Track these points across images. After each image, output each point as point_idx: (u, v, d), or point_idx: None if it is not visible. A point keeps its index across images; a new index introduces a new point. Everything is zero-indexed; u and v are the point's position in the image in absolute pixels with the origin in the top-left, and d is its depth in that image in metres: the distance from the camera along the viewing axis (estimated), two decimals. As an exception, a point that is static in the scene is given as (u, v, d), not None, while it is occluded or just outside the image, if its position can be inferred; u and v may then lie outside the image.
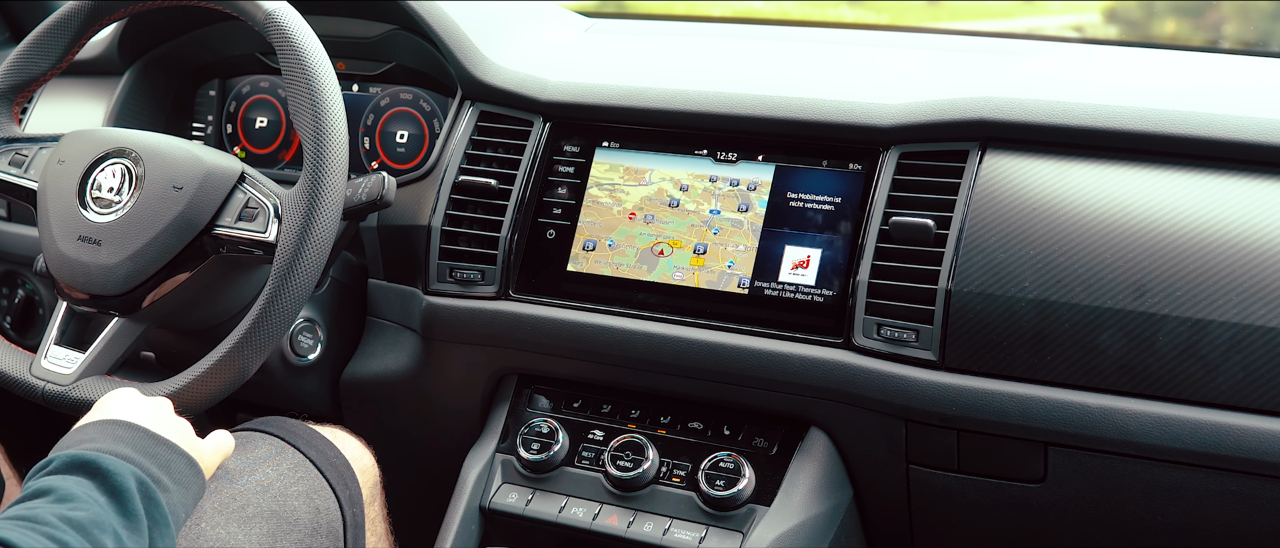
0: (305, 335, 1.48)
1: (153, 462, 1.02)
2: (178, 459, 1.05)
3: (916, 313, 1.29)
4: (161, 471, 1.02)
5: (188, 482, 1.05)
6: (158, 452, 1.04)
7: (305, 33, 1.28)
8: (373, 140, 1.67)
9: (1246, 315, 1.18)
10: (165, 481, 1.02)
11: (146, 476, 1.00)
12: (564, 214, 1.47)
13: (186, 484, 1.05)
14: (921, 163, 1.34)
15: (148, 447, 1.04)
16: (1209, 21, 2.22)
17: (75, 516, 0.91)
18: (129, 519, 0.95)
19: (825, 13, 2.82)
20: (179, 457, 1.05)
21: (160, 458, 1.03)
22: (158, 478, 1.01)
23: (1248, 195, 1.23)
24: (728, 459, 1.35)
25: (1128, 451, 1.22)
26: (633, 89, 1.49)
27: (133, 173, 1.29)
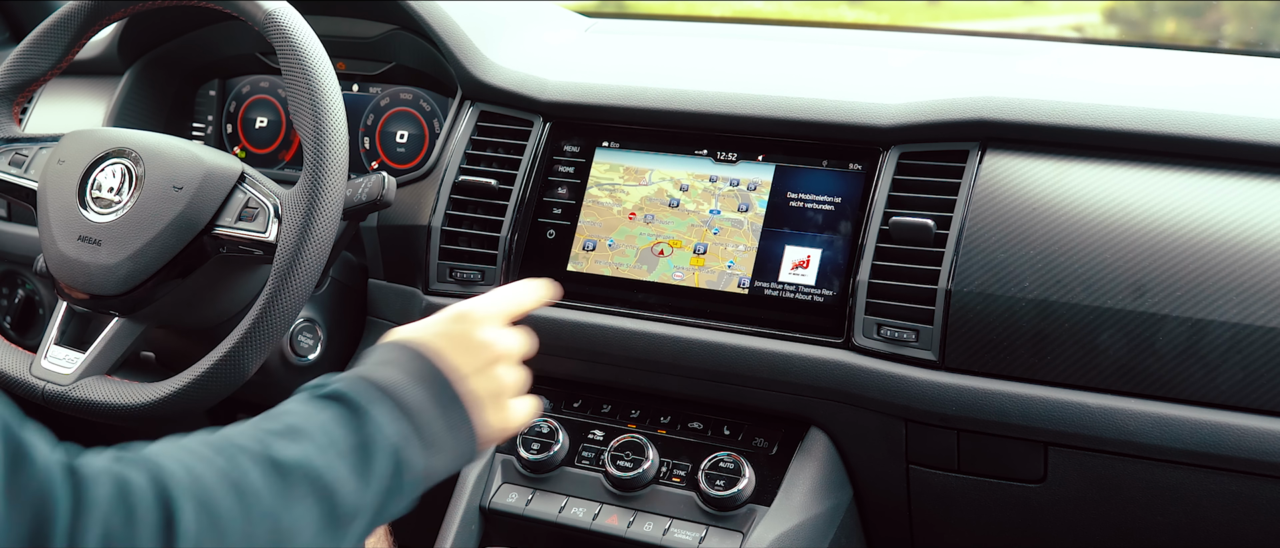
0: (305, 335, 1.48)
1: (432, 420, 0.91)
2: (462, 427, 0.94)
3: (916, 313, 1.29)
4: (436, 432, 0.91)
5: (458, 450, 0.94)
6: (448, 411, 0.93)
7: (305, 33, 1.28)
8: (373, 140, 1.67)
9: (1246, 315, 1.18)
10: (434, 442, 0.91)
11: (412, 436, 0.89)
12: (564, 214, 1.47)
13: (454, 452, 0.94)
14: (921, 163, 1.34)
15: (440, 401, 0.92)
16: (1209, 21, 2.22)
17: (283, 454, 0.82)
18: (361, 477, 0.85)
19: (825, 13, 2.82)
20: (464, 425, 0.94)
21: (446, 419, 0.92)
22: (427, 440, 0.90)
23: (1248, 195, 1.23)
24: (728, 459, 1.35)
25: (1128, 451, 1.22)
26: (633, 89, 1.49)
27: (133, 173, 1.29)
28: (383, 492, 0.86)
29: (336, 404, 0.88)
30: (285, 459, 0.81)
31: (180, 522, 0.73)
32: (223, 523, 0.75)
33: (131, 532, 0.71)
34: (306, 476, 0.81)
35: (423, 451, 0.90)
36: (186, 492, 0.75)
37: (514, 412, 1.02)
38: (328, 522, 0.82)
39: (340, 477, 0.83)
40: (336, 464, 0.84)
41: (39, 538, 0.68)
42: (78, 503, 0.71)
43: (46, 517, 0.69)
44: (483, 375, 0.98)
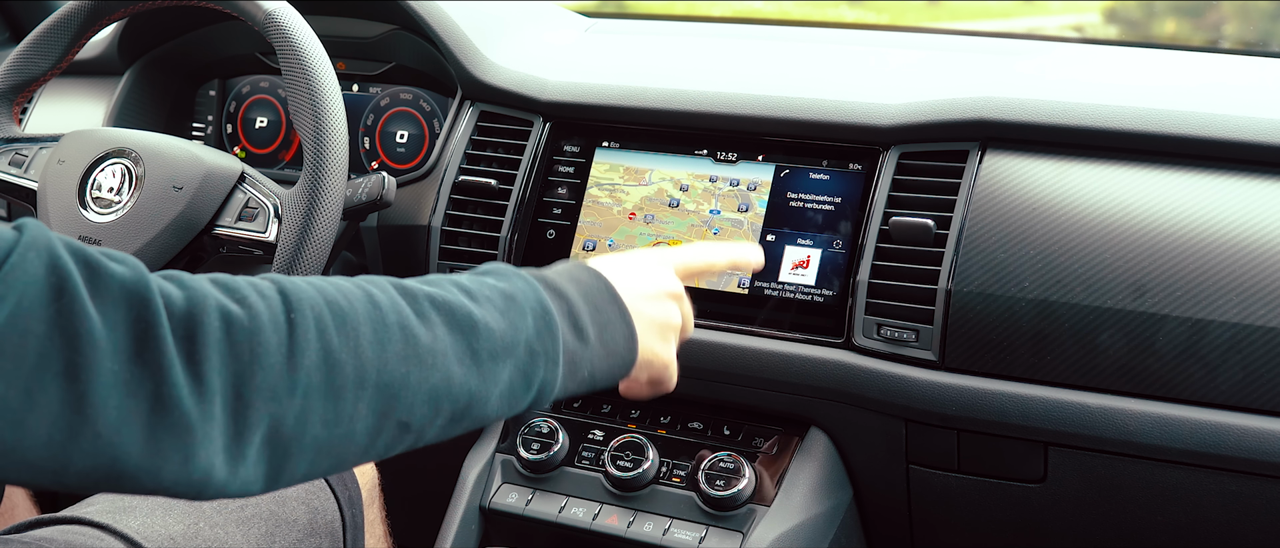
0: (305, 335, 1.48)
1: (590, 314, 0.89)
2: (620, 324, 0.92)
3: (916, 313, 1.29)
4: (592, 325, 0.89)
5: (615, 350, 0.91)
6: (605, 308, 0.91)
7: (305, 33, 1.28)
8: (373, 140, 1.67)
9: (1246, 315, 1.18)
10: (590, 335, 0.89)
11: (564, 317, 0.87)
12: (564, 214, 1.47)
13: (611, 352, 0.91)
14: (921, 163, 1.34)
15: (598, 298, 0.91)
16: (1209, 21, 2.22)
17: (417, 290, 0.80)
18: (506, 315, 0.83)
19: (825, 13, 2.82)
20: (623, 322, 0.92)
21: (603, 315, 0.90)
22: (581, 328, 0.88)
23: (1248, 195, 1.23)
24: (728, 459, 1.35)
25: (1128, 451, 1.22)
26: (633, 89, 1.49)
27: (133, 173, 1.29)
28: (532, 339, 0.84)
29: (490, 275, 0.87)
30: (420, 291, 0.80)
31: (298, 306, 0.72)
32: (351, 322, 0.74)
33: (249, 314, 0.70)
34: (444, 307, 0.80)
35: (573, 334, 0.88)
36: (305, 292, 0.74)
37: (671, 347, 1.00)
38: (469, 351, 0.80)
39: (485, 312, 0.82)
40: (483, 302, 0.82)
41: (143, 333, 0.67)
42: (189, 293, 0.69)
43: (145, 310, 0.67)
44: (648, 300, 0.97)
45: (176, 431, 0.67)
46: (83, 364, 0.64)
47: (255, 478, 0.72)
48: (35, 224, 0.67)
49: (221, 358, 0.69)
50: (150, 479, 0.68)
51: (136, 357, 0.66)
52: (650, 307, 0.97)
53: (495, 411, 0.83)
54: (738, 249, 1.11)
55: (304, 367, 0.72)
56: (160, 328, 0.67)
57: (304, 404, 0.72)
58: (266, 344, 0.71)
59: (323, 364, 0.73)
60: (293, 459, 0.73)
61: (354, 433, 0.75)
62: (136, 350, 0.66)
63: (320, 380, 0.72)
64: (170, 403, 0.67)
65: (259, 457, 0.71)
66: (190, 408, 0.67)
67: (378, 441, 0.77)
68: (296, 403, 0.72)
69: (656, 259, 1.01)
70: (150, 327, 0.67)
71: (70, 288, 0.65)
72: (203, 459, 0.68)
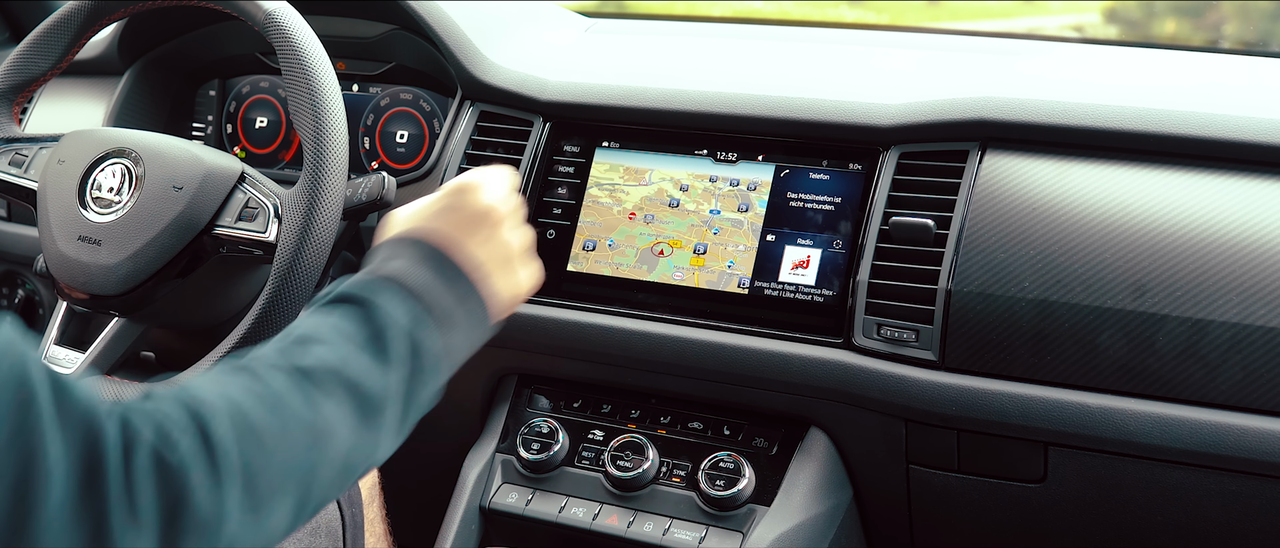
0: (305, 335, 1.48)
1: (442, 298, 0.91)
2: (471, 297, 0.94)
3: (916, 313, 1.29)
4: (449, 309, 0.91)
5: (473, 323, 0.94)
6: (455, 285, 0.92)
7: (305, 33, 1.28)
8: (373, 140, 1.67)
9: (1246, 315, 1.18)
10: (448, 320, 0.91)
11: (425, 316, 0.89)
12: (564, 214, 1.47)
13: (470, 326, 0.94)
14: (921, 163, 1.34)
15: (445, 278, 0.92)
16: (1209, 21, 2.22)
17: (302, 361, 0.82)
18: (381, 362, 0.85)
19: (825, 13, 2.82)
20: (472, 295, 0.94)
21: (455, 293, 0.92)
22: (440, 317, 0.90)
23: (1248, 195, 1.23)
24: (728, 459, 1.35)
25: (1128, 451, 1.22)
26: (633, 89, 1.49)
27: (133, 173, 1.29)
28: (407, 376, 0.87)
29: (343, 305, 0.88)
30: (306, 364, 0.82)
31: (216, 437, 0.74)
32: (260, 433, 0.76)
33: (176, 454, 0.72)
34: (329, 373, 0.82)
35: (437, 328, 0.90)
36: (219, 411, 0.76)
37: (522, 276, 1.01)
38: (361, 415, 0.83)
39: (362, 368, 0.84)
40: (355, 357, 0.84)
41: (93, 465, 0.68)
42: (125, 430, 0.71)
43: (97, 444, 0.69)
44: (486, 243, 0.97)
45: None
46: (33, 484, 0.65)
47: None
48: (10, 334, 0.67)
49: (156, 500, 0.70)
50: None
51: (84, 489, 0.67)
52: (491, 250, 0.97)
53: (387, 451, 0.87)
54: None
55: (228, 497, 0.73)
56: (109, 463, 0.69)
57: (234, 529, 0.74)
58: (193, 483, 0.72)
59: (244, 490, 0.74)
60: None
61: (275, 533, 0.78)
62: (85, 482, 0.67)
63: (243, 502, 0.74)
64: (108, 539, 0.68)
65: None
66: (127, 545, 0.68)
67: (295, 525, 0.80)
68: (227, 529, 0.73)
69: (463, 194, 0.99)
70: (100, 461, 0.68)
71: (36, 406, 0.66)
72: None
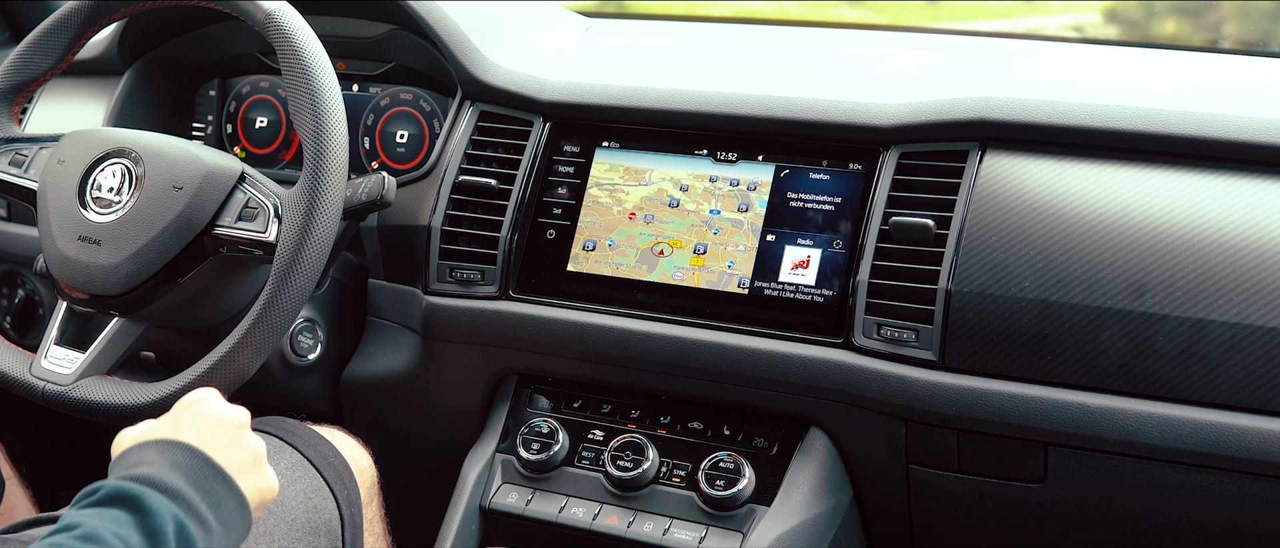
0: (305, 335, 1.48)
1: (203, 499, 0.95)
2: (230, 498, 0.97)
3: (916, 313, 1.29)
4: (210, 510, 0.95)
5: (233, 523, 0.98)
6: (212, 487, 0.96)
7: (305, 33, 1.28)
8: (373, 140, 1.67)
9: (1246, 315, 1.18)
10: (211, 521, 0.95)
11: (190, 515, 0.93)
12: (564, 214, 1.47)
13: (231, 526, 0.98)
14: (921, 163, 1.34)
15: (203, 479, 0.96)
16: (1209, 21, 2.22)
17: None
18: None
19: (825, 13, 2.82)
20: (232, 495, 0.98)
21: (213, 495, 0.96)
22: (203, 517, 0.94)
23: (1248, 195, 1.23)
24: (728, 459, 1.35)
25: (1128, 451, 1.22)
26: (633, 89, 1.49)
27: (133, 173, 1.29)
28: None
29: (114, 505, 0.90)
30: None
31: None
32: None
33: None
34: None
35: (200, 528, 0.93)
36: None
37: (270, 476, 1.03)
38: None
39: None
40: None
41: None
42: None
43: None
44: (233, 447, 0.99)
45: None
46: None
47: None
48: None
49: None
50: None
51: None
52: (237, 454, 0.99)
53: None
54: None
55: None
56: None
57: None
58: None
59: None
60: None
61: None
62: None
63: None
64: None
65: None
66: None
67: None
68: None
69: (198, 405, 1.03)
70: None
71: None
72: None
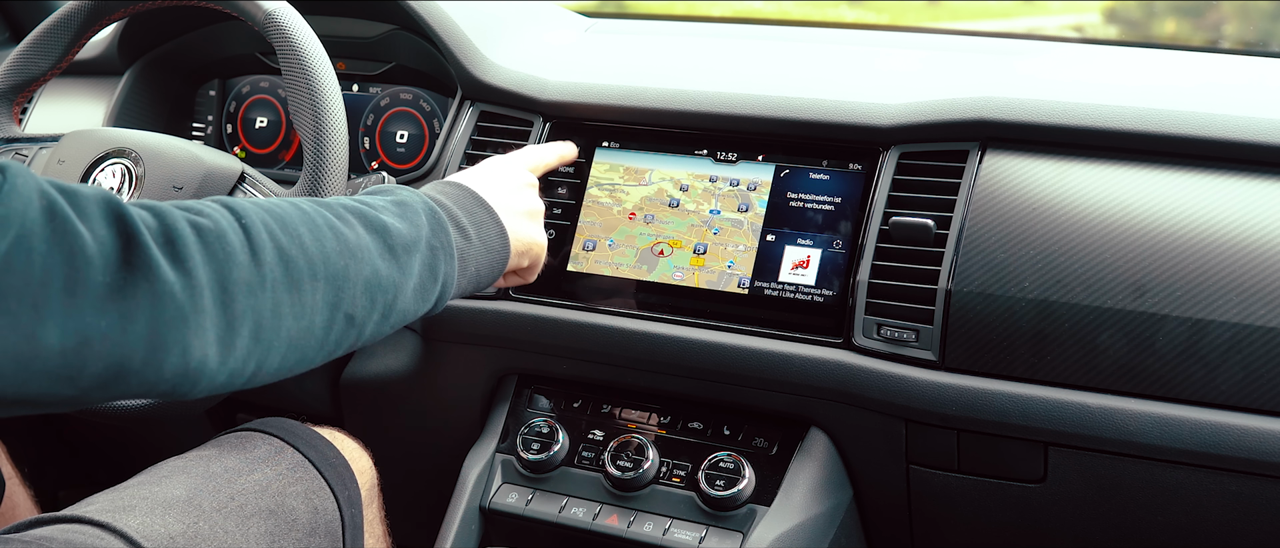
0: (305, 335, 1.48)
1: (465, 215, 1.03)
2: (492, 224, 1.06)
3: (916, 313, 1.29)
4: (471, 224, 1.03)
5: (492, 246, 1.05)
6: (475, 211, 1.05)
7: (305, 33, 1.28)
8: (373, 140, 1.67)
9: (1247, 315, 1.18)
10: (470, 231, 1.02)
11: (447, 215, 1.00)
12: (564, 214, 1.47)
13: (490, 248, 1.05)
14: (921, 163, 1.34)
15: (468, 204, 1.05)
16: (1209, 21, 2.22)
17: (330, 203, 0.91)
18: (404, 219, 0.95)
19: (825, 13, 2.82)
20: (494, 223, 1.06)
21: (475, 216, 1.04)
22: (461, 224, 1.01)
23: (1248, 195, 1.23)
24: (728, 459, 1.35)
25: (1128, 451, 1.22)
26: (633, 89, 1.49)
27: (133, 173, 1.29)
28: (429, 236, 0.96)
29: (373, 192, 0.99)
30: (331, 204, 0.91)
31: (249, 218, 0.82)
32: (291, 225, 0.84)
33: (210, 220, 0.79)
34: (356, 212, 0.92)
35: (456, 230, 1.00)
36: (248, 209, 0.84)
37: (540, 231, 1.16)
38: (386, 247, 0.91)
39: (388, 217, 0.93)
40: (380, 209, 0.94)
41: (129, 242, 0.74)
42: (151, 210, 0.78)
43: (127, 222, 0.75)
44: (513, 194, 1.12)
45: (174, 324, 0.75)
46: (79, 278, 0.71)
47: (241, 370, 0.80)
48: (16, 164, 0.73)
49: (202, 257, 0.77)
50: (154, 374, 0.76)
51: (125, 264, 0.74)
52: (512, 199, 1.12)
53: (412, 305, 0.94)
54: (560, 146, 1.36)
55: (266, 262, 0.81)
56: (142, 236, 0.75)
57: (274, 298, 0.81)
58: (233, 245, 0.80)
59: (279, 261, 0.82)
60: (272, 353, 0.82)
61: (314, 327, 0.85)
62: (124, 259, 0.74)
63: (282, 275, 0.82)
64: (165, 299, 0.74)
65: (246, 349, 0.80)
66: (184, 301, 0.75)
67: (331, 335, 0.87)
68: (268, 297, 0.81)
69: (507, 161, 1.19)
70: (133, 236, 0.75)
71: (60, 211, 0.72)
72: (197, 351, 0.77)
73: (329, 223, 0.88)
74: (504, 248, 1.07)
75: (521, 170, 1.18)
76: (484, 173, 1.13)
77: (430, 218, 0.97)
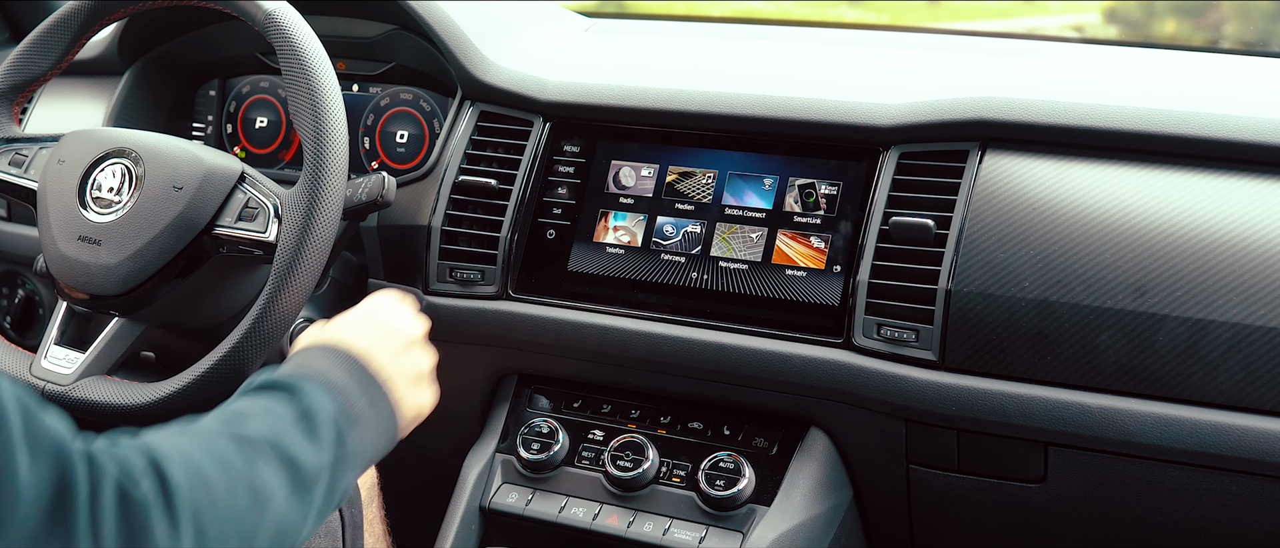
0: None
1: (361, 397, 0.98)
2: (384, 404, 1.00)
3: (916, 313, 1.29)
4: (369, 407, 0.98)
5: (385, 430, 1.01)
6: (371, 391, 0.99)
7: (305, 33, 1.28)
8: (373, 140, 1.67)
9: (1246, 315, 1.18)
10: (369, 418, 0.98)
11: (349, 408, 0.96)
12: (564, 214, 1.47)
13: (382, 432, 1.01)
14: (921, 163, 1.34)
15: (363, 381, 0.99)
16: (1209, 21, 2.22)
17: (242, 430, 0.88)
18: (313, 442, 0.91)
19: (825, 13, 2.82)
20: (386, 403, 1.01)
21: (372, 395, 0.99)
22: (359, 416, 0.97)
23: (1248, 195, 1.23)
24: (728, 459, 1.35)
25: (1128, 451, 1.22)
26: (633, 89, 1.49)
27: (133, 173, 1.29)
28: (333, 459, 0.92)
29: (272, 390, 0.94)
30: (248, 433, 0.88)
31: (173, 482, 0.79)
32: (210, 484, 0.81)
33: (139, 492, 0.76)
34: (268, 444, 0.88)
35: (353, 426, 0.95)
36: (174, 460, 0.80)
37: (425, 395, 1.08)
38: (294, 486, 0.88)
39: (297, 443, 0.89)
40: (289, 433, 0.90)
41: (62, 492, 0.71)
42: (91, 465, 0.75)
43: (66, 473, 0.72)
44: (397, 358, 1.04)
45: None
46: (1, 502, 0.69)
47: None
48: None
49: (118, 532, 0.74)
50: None
51: (52, 515, 0.71)
52: (402, 364, 1.05)
53: (310, 529, 0.91)
54: None
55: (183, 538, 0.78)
56: (77, 492, 0.72)
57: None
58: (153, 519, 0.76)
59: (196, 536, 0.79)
60: None
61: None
62: (54, 509, 0.72)
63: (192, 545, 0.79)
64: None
65: None
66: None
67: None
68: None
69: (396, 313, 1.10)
70: (69, 489, 0.72)
71: (7, 429, 0.70)
72: None
73: (243, 476, 0.85)
74: (395, 431, 1.03)
75: (410, 324, 1.11)
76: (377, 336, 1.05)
77: (335, 431, 0.93)
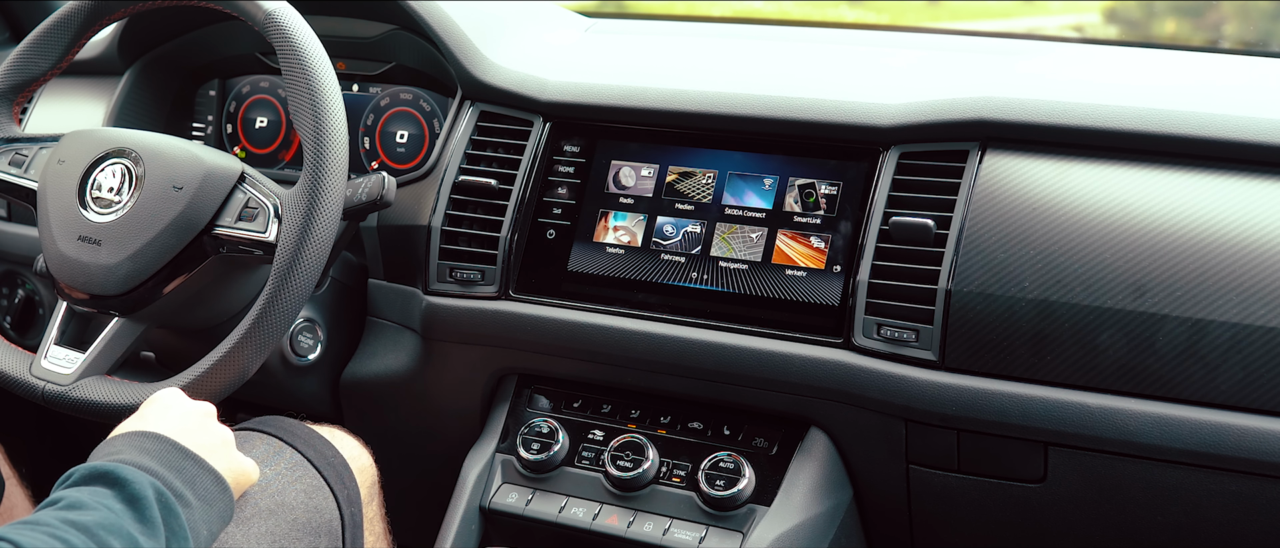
0: (305, 335, 1.48)
1: (177, 476, 1.00)
2: (204, 476, 1.03)
3: (916, 313, 1.29)
4: (185, 485, 1.00)
5: (212, 499, 1.03)
6: (184, 466, 1.02)
7: (305, 33, 1.28)
8: (373, 140, 1.67)
9: (1246, 315, 1.18)
10: (188, 495, 0.99)
11: (166, 487, 0.97)
12: (564, 214, 1.47)
13: (211, 502, 1.02)
14: (921, 163, 1.34)
15: (173, 460, 1.01)
16: (1209, 21, 2.22)
17: (81, 519, 0.90)
18: (145, 525, 0.93)
19: (825, 13, 2.82)
20: (205, 473, 1.03)
21: (186, 473, 1.01)
22: (179, 492, 0.99)
23: (1248, 195, 1.23)
24: (728, 459, 1.35)
25: (1128, 451, 1.22)
26: (633, 89, 1.49)
27: (133, 173, 1.29)
28: (166, 540, 0.95)
29: (94, 482, 0.96)
30: (87, 522, 0.90)
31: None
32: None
33: None
34: (108, 530, 0.91)
35: (179, 502, 0.98)
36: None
37: (244, 458, 1.12)
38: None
39: (134, 527, 0.92)
40: (125, 518, 0.93)
41: None
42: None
43: None
44: (201, 433, 1.07)
45: None
46: None
47: None
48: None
49: None
50: None
51: None
52: (205, 437, 1.07)
53: None
54: None
55: None
56: None
57: None
58: None
59: None
60: None
61: None
62: None
63: None
64: None
65: None
66: None
67: None
68: None
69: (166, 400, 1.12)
70: None
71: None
72: None
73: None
74: (224, 493, 1.04)
75: (199, 405, 1.13)
76: (172, 418, 1.07)
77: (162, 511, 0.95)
